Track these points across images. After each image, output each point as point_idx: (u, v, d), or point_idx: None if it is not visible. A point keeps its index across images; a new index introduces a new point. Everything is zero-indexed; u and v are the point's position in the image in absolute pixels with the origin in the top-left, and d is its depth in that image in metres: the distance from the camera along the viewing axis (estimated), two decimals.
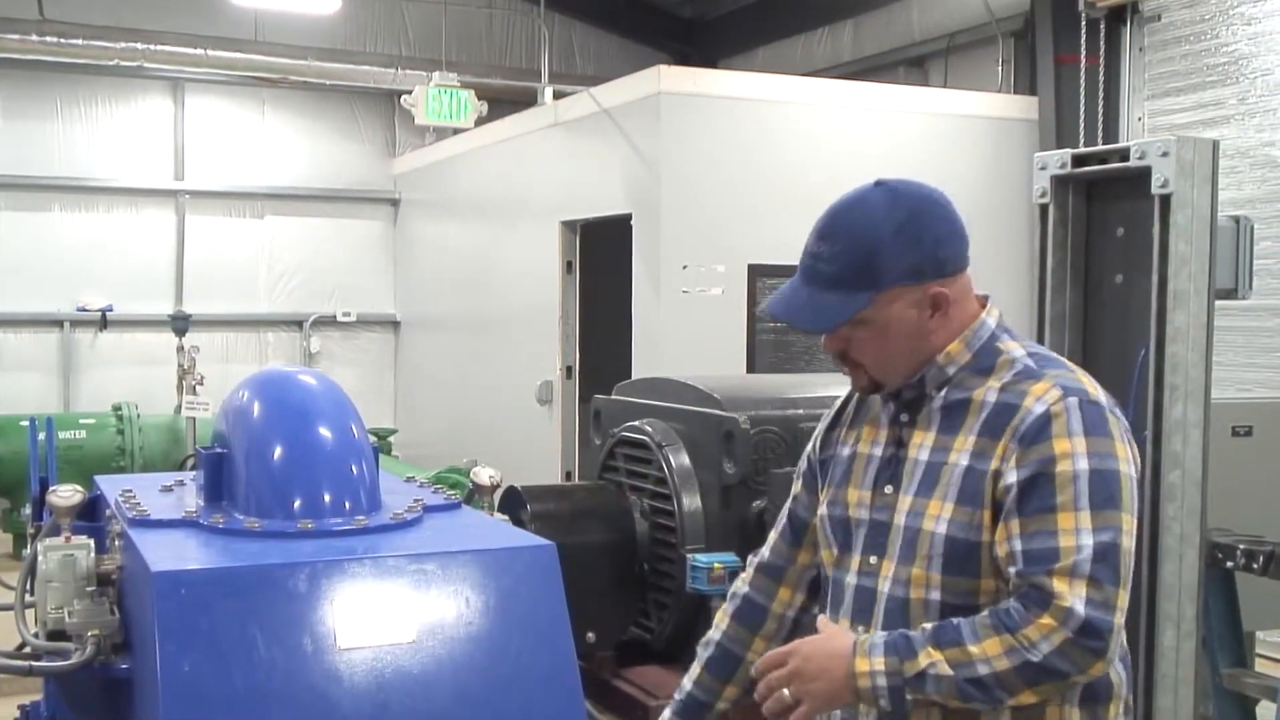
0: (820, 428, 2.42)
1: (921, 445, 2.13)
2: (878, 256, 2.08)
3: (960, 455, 2.07)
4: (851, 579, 2.18)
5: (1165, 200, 3.53)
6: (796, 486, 2.45)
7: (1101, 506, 1.95)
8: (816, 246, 2.12)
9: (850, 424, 2.31)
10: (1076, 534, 1.93)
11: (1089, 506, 1.95)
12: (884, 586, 2.12)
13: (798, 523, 2.42)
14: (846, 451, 2.28)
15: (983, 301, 2.19)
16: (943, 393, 2.13)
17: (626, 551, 5.84)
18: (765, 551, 2.49)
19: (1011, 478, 2.00)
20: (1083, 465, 1.97)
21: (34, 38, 10.79)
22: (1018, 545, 1.97)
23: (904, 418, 2.17)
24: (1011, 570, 1.97)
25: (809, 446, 2.43)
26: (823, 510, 2.28)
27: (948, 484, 2.06)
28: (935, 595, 2.06)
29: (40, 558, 2.63)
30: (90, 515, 3.05)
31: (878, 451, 2.20)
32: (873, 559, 2.15)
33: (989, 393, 2.09)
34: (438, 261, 12.30)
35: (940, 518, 2.06)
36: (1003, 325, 2.19)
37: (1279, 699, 3.96)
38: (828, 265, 2.09)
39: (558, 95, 10.32)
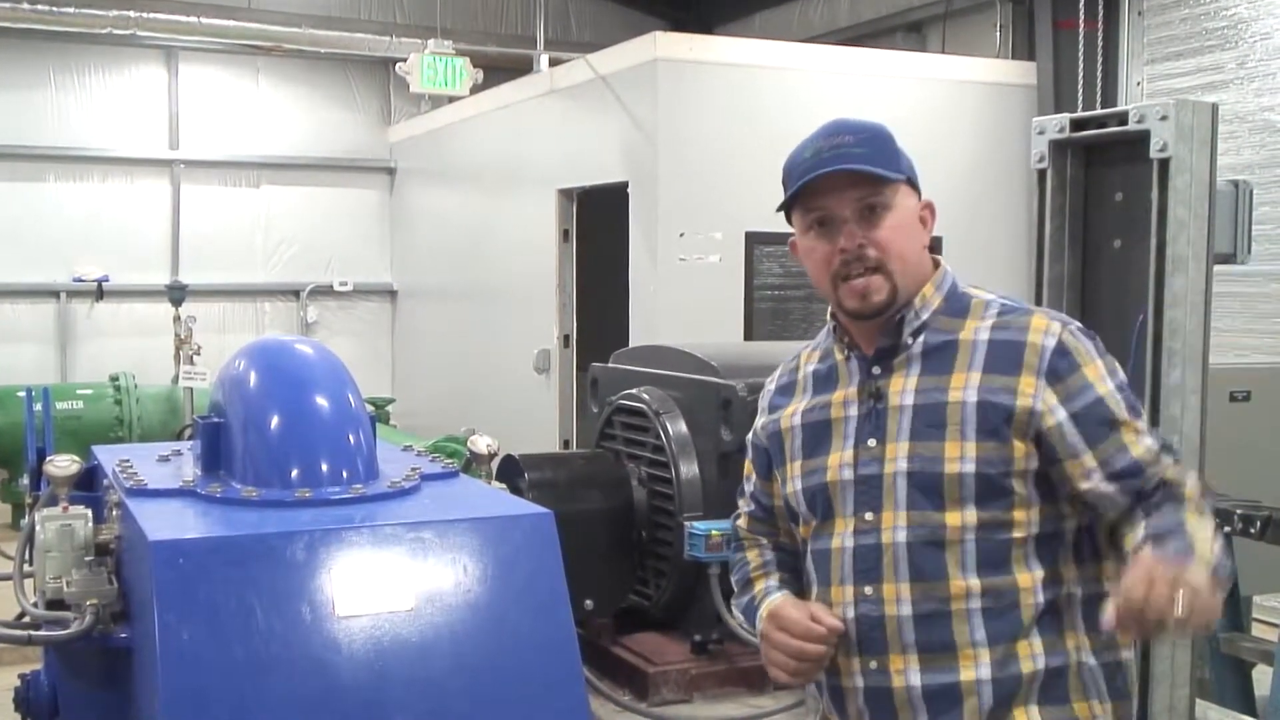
0: (763, 413, 2.35)
1: (903, 391, 2.11)
2: (894, 145, 2.15)
3: (965, 392, 2.06)
4: (845, 542, 2.13)
5: (1164, 164, 3.51)
6: (753, 476, 2.38)
7: (1139, 414, 2.12)
8: (837, 138, 2.12)
9: (809, 394, 2.25)
10: (1140, 441, 2.08)
11: (1133, 417, 2.10)
12: (898, 537, 2.08)
13: (765, 510, 2.37)
14: (802, 420, 2.23)
15: (935, 258, 2.22)
16: (920, 338, 2.13)
17: (624, 519, 5.86)
18: (746, 530, 2.43)
19: (1060, 414, 2.04)
20: (1112, 384, 2.09)
21: (25, 6, 10.70)
22: (1101, 477, 2.06)
23: (876, 370, 2.15)
24: (1122, 498, 2.07)
25: (754, 435, 2.36)
26: (795, 485, 2.23)
27: (961, 423, 2.05)
28: (971, 536, 2.05)
29: (38, 527, 2.63)
30: (88, 485, 3.05)
31: (853, 411, 2.16)
32: (869, 515, 2.11)
33: (979, 331, 2.11)
34: (434, 230, 12.27)
35: (964, 458, 2.05)
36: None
37: (1276, 663, 3.98)
38: (859, 148, 2.10)
39: (553, 62, 10.26)
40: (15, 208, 11.83)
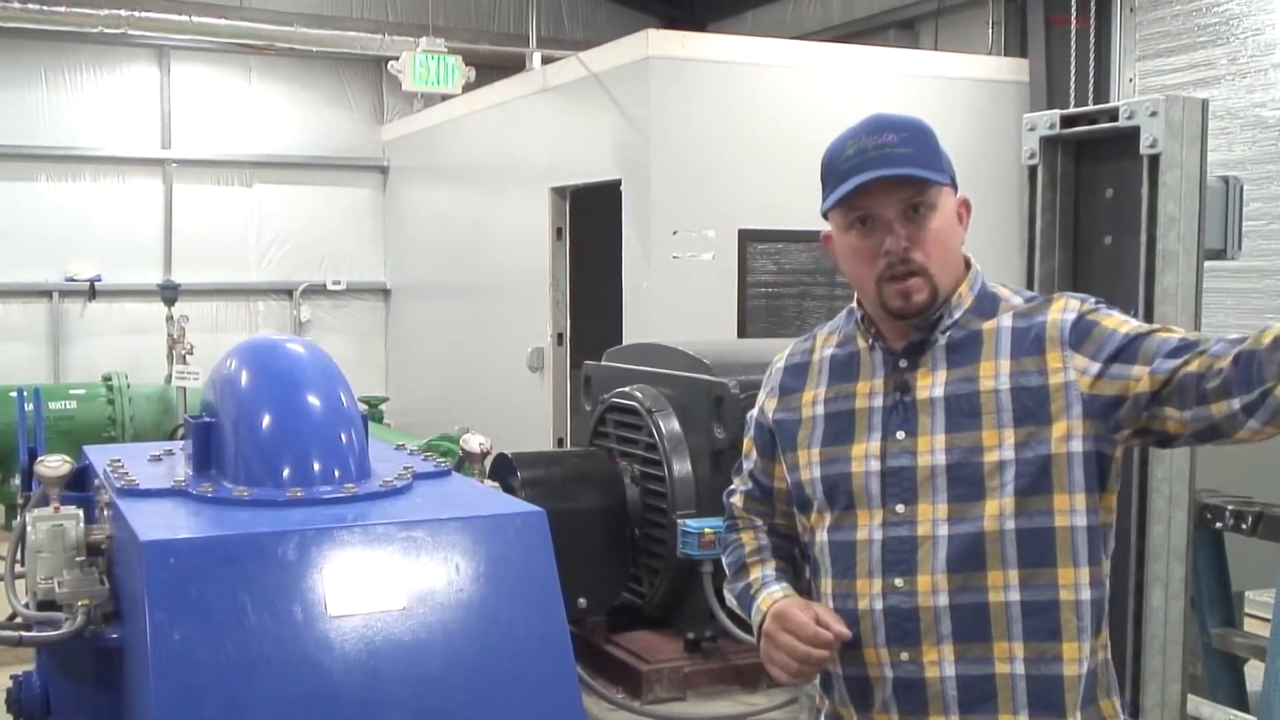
0: (772, 393, 2.32)
1: (931, 385, 2.11)
2: (936, 143, 2.12)
3: (995, 380, 2.07)
4: (873, 535, 2.12)
5: (1154, 160, 3.51)
6: (753, 454, 2.37)
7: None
8: (880, 138, 2.08)
9: (828, 380, 2.24)
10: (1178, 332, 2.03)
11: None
12: (936, 530, 2.07)
13: (763, 490, 2.37)
14: (824, 410, 2.22)
15: (965, 256, 2.21)
16: (946, 335, 2.13)
17: (617, 517, 5.87)
18: (741, 509, 2.42)
19: (1094, 368, 2.02)
20: (1136, 324, 2.06)
21: (15, 5, 10.67)
22: (1160, 364, 1.98)
23: (903, 364, 2.14)
24: (1184, 356, 1.97)
25: (759, 413, 2.34)
26: (812, 473, 2.20)
27: (996, 411, 2.05)
28: (1010, 525, 2.04)
29: (29, 528, 2.63)
30: (79, 485, 3.05)
31: (877, 403, 2.15)
32: (899, 507, 2.09)
33: (1001, 320, 2.11)
34: (428, 229, 12.26)
35: (1003, 445, 2.04)
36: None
37: (1268, 658, 3.99)
38: (904, 148, 2.07)
39: (546, 60, 10.26)
40: (7, 207, 11.82)
